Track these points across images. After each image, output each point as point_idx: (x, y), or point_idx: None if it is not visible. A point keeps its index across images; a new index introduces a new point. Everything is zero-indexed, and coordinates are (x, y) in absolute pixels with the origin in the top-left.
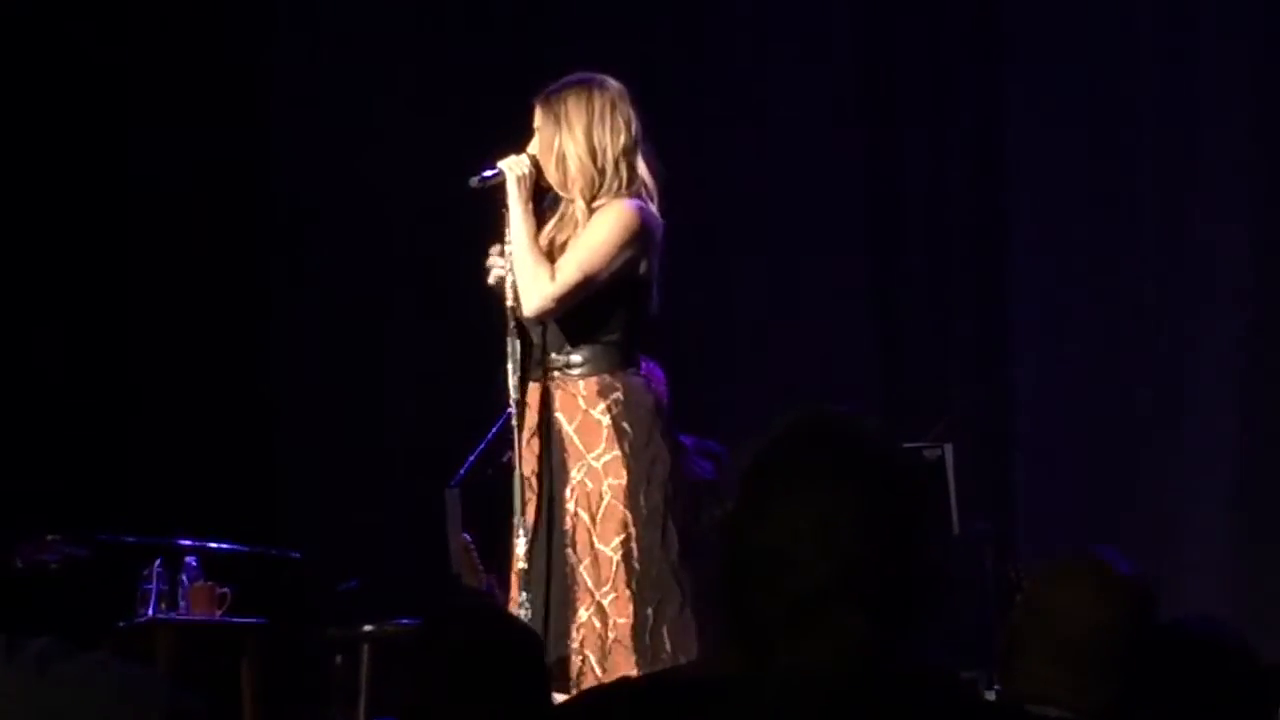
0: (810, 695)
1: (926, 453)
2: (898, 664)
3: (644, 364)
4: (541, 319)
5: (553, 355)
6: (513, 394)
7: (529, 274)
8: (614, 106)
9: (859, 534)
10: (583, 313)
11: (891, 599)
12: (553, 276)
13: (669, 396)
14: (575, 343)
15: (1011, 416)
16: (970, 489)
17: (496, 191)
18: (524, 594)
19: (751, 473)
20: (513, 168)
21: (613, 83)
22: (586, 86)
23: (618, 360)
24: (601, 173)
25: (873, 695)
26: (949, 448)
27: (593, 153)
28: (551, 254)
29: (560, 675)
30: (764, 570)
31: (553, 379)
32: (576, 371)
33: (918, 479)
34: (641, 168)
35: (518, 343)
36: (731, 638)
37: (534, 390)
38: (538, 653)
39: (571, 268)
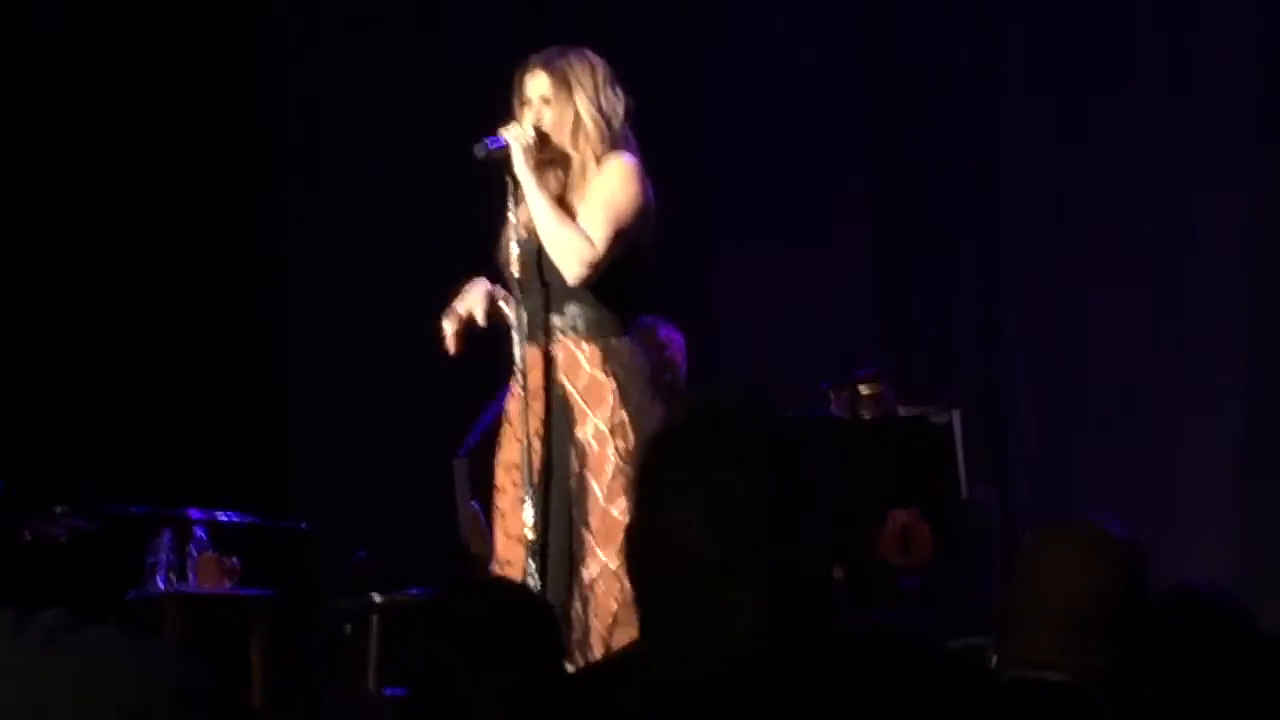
0: (702, 671)
1: (934, 418)
2: (801, 635)
3: (664, 329)
4: (584, 283)
5: (555, 318)
6: (518, 363)
7: (565, 241)
8: (613, 76)
9: (746, 517)
10: None
11: (783, 576)
12: (589, 241)
13: (687, 362)
14: (578, 306)
15: (1019, 381)
16: (978, 454)
17: (501, 162)
18: (531, 563)
19: (644, 467)
20: (518, 138)
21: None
22: (584, 54)
23: (619, 324)
24: (611, 133)
25: (763, 669)
26: (957, 414)
27: (604, 114)
28: (569, 214)
29: (564, 636)
30: (660, 558)
31: (556, 341)
32: (581, 333)
33: (802, 457)
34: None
35: (524, 311)
36: (639, 622)
37: (534, 353)
38: (554, 624)
39: (602, 225)
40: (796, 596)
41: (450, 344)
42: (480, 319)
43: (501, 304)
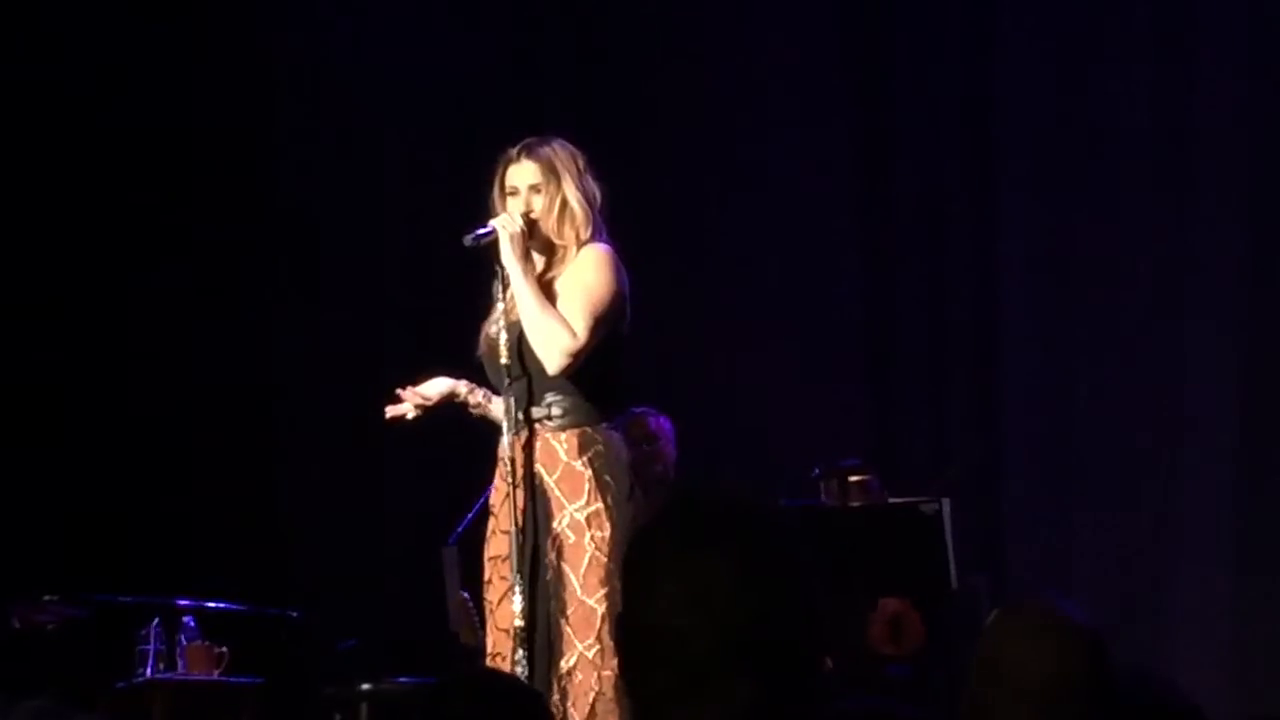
0: None
1: (924, 507)
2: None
3: (654, 419)
4: (564, 373)
5: (534, 409)
6: (505, 451)
7: (547, 330)
8: (589, 163)
9: (735, 602)
10: None
11: (774, 660)
12: (571, 330)
13: (677, 450)
14: (555, 395)
15: (1007, 471)
16: (967, 543)
17: (489, 250)
18: (520, 652)
19: (631, 555)
20: (506, 226)
21: None
22: (563, 142)
23: (596, 413)
24: (594, 216)
25: None
26: (947, 502)
27: (588, 198)
28: (550, 299)
29: None
30: (652, 645)
31: (535, 431)
32: (557, 423)
33: (789, 543)
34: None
35: (512, 399)
36: (632, 709)
37: (515, 444)
38: (545, 716)
39: (583, 314)
40: (786, 681)
41: (393, 409)
42: (430, 399)
43: (468, 397)
